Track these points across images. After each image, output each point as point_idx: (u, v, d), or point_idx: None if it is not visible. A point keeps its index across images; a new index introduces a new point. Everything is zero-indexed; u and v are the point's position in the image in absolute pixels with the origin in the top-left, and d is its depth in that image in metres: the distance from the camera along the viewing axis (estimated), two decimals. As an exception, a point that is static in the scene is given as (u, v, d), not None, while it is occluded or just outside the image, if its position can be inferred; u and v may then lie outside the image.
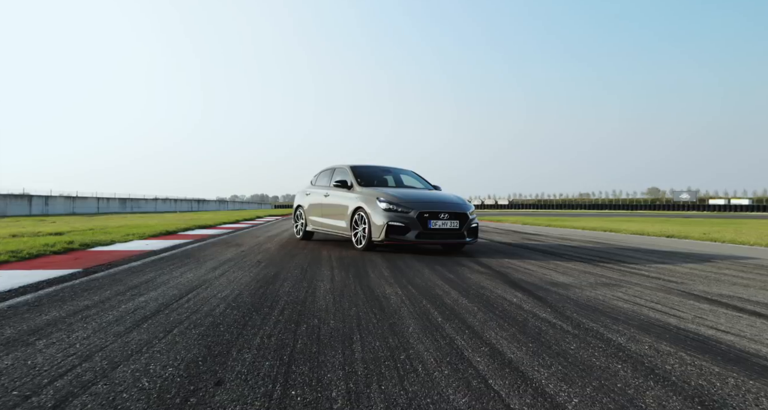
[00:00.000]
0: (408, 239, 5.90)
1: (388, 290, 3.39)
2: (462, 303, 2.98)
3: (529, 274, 4.40)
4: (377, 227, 6.02)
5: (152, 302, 2.80)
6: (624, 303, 3.12)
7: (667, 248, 7.63)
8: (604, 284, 3.92)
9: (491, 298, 3.17)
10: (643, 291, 3.58)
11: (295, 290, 3.28)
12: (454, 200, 6.51)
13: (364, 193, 6.53)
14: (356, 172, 7.21)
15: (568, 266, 5.11)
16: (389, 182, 7.61)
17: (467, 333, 2.28)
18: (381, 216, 6.03)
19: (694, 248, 7.74)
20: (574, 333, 2.35)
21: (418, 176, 7.94)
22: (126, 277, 3.73)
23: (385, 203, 6.09)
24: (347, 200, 6.81)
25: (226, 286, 3.38)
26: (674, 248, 7.66)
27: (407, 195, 6.35)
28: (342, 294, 3.17)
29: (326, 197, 7.45)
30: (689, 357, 2.03)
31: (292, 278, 3.79)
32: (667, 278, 4.28)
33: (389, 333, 2.24)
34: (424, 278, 3.97)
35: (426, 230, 5.95)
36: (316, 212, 7.72)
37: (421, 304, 2.93)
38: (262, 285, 3.44)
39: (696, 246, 8.28)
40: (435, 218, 6.00)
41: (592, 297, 3.30)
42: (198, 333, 2.16)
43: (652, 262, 5.64)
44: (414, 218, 5.93)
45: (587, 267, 5.01)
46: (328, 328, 2.30)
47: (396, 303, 2.93)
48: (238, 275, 3.93)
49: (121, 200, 36.04)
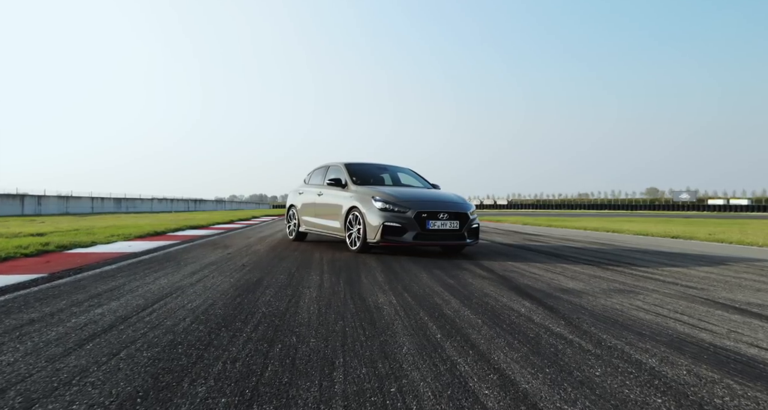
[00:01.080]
0: (405, 240, 5.55)
1: (381, 298, 3.04)
2: (464, 315, 2.63)
3: (536, 279, 4.06)
4: (372, 227, 5.67)
5: (109, 314, 2.45)
6: (645, 314, 2.78)
7: (676, 250, 7.30)
8: (619, 290, 3.58)
9: (497, 308, 2.83)
10: (663, 299, 3.24)
11: (276, 299, 2.93)
12: (454, 200, 6.16)
13: (359, 192, 6.18)
14: (351, 170, 6.86)
15: (576, 269, 4.77)
16: (386, 180, 7.26)
17: (471, 355, 1.93)
18: (376, 216, 5.68)
19: (703, 250, 7.41)
20: (596, 352, 2.01)
21: (416, 175, 7.59)
22: (92, 283, 3.37)
23: (381, 202, 5.74)
24: (341, 200, 6.46)
25: (200, 294, 3.03)
26: (682, 250, 7.33)
27: (404, 194, 6.00)
28: (329, 304, 2.82)
29: (320, 196, 7.10)
30: (738, 385, 1.68)
31: (276, 285, 3.43)
32: (684, 284, 3.94)
33: (379, 356, 1.89)
34: (421, 285, 3.62)
35: (424, 231, 5.60)
36: (309, 212, 7.36)
37: (418, 316, 2.58)
38: (241, 293, 3.09)
39: (704, 247, 7.95)
40: (434, 218, 5.65)
41: (608, 307, 2.96)
42: (149, 356, 1.80)
43: (664, 265, 5.30)
44: (411, 218, 5.58)
45: (596, 271, 4.67)
46: (306, 349, 1.95)
47: (389, 315, 2.58)
48: (217, 281, 3.57)
49: (116, 200, 35.56)
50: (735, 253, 6.98)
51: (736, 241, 9.52)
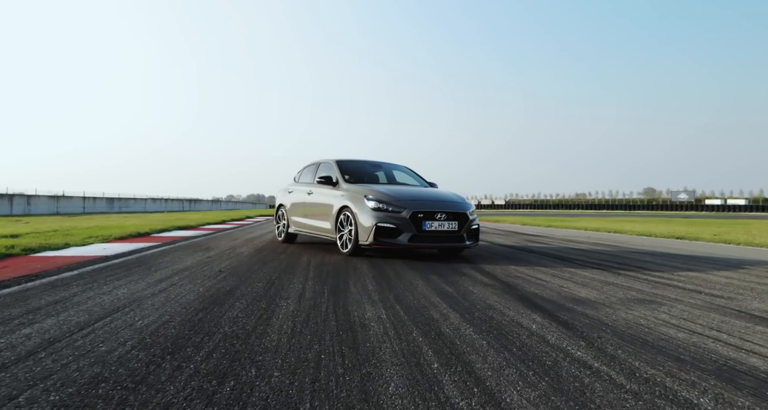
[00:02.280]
0: (400, 242, 5.14)
1: (369, 312, 2.62)
2: (466, 334, 2.22)
3: (543, 286, 3.65)
4: (365, 228, 5.26)
5: (36, 336, 2.03)
6: (677, 331, 2.38)
7: (685, 252, 6.91)
8: (638, 300, 3.17)
9: (503, 325, 2.42)
10: (691, 312, 2.84)
11: (245, 314, 2.50)
12: (453, 199, 5.75)
13: (351, 190, 5.77)
14: (342, 167, 6.44)
15: (585, 274, 4.37)
16: (380, 178, 6.84)
17: (478, 394, 1.52)
18: (369, 217, 5.26)
19: (713, 252, 7.03)
20: (633, 389, 1.60)
21: (412, 172, 7.17)
22: (38, 294, 2.94)
23: (374, 201, 5.32)
24: (332, 199, 6.04)
25: (158, 308, 2.61)
26: (692, 252, 6.95)
27: (399, 193, 5.59)
28: (306, 321, 2.40)
29: (309, 196, 6.67)
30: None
31: (249, 296, 3.01)
32: (708, 292, 3.54)
33: (358, 397, 1.47)
34: (416, 294, 3.21)
35: (420, 233, 5.19)
36: (298, 212, 6.94)
37: (411, 336, 2.17)
38: (206, 307, 2.66)
39: (713, 249, 7.58)
40: (431, 218, 5.24)
41: (631, 322, 2.55)
42: (55, 402, 1.38)
43: (679, 269, 4.91)
44: (407, 218, 5.17)
45: (608, 276, 4.27)
46: (265, 388, 1.53)
47: (376, 336, 2.17)
48: (183, 290, 3.15)
49: (109, 200, 34.94)
50: (747, 255, 6.60)
51: (744, 242, 9.16)
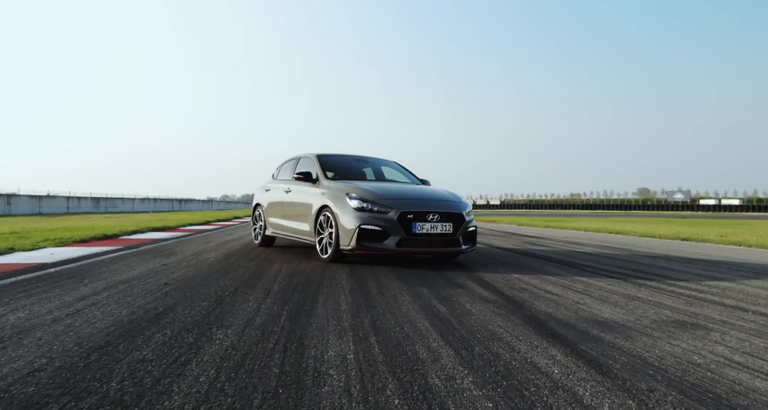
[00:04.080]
0: (386, 247, 4.48)
1: (332, 349, 1.96)
2: (463, 388, 1.56)
3: (556, 303, 3.01)
4: (346, 231, 4.58)
5: None
6: (751, 376, 1.73)
7: (701, 256, 6.30)
8: (678, 323, 2.53)
9: (514, 369, 1.76)
10: (751, 342, 2.20)
11: (157, 356, 1.82)
12: (447, 197, 5.09)
13: (332, 188, 5.09)
14: (324, 162, 5.75)
15: (601, 285, 3.73)
16: (367, 175, 6.17)
17: None
18: (351, 217, 4.59)
19: (730, 255, 6.43)
20: None
21: (402, 168, 6.49)
22: None
23: (357, 200, 4.65)
24: (311, 197, 5.35)
25: (43, 345, 1.92)
26: (707, 256, 6.34)
27: (386, 191, 4.92)
28: (239, 367, 1.72)
29: (287, 194, 5.98)
30: None
31: (181, 322, 2.33)
32: (756, 309, 2.91)
33: None
34: (400, 316, 2.55)
35: (410, 236, 4.52)
36: (276, 213, 6.24)
37: (384, 394, 1.50)
38: (111, 342, 1.98)
39: (727, 252, 6.99)
40: (421, 219, 4.57)
41: (684, 360, 1.90)
42: None
43: (704, 277, 4.29)
44: (394, 219, 4.50)
45: (628, 288, 3.63)
46: None
47: (332, 395, 1.50)
48: (99, 314, 2.46)
49: (95, 200, 33.90)
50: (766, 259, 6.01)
51: (756, 244, 8.58)
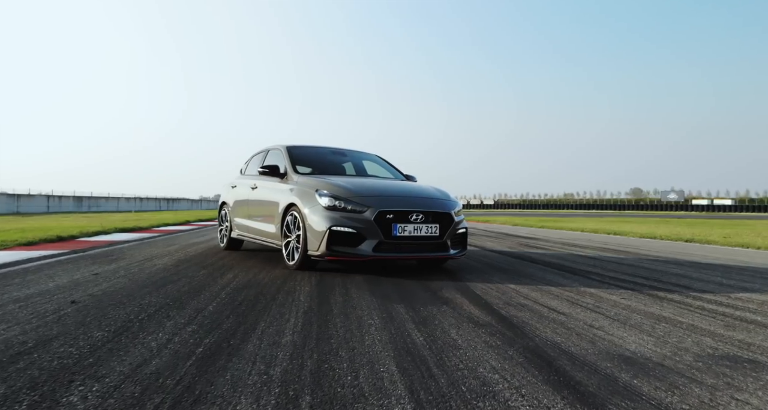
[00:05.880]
0: (361, 253, 3.81)
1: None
2: None
3: (564, 326, 2.36)
4: (315, 234, 3.91)
5: None
6: None
7: (713, 260, 5.72)
8: (728, 359, 1.90)
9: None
10: None
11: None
12: (433, 195, 4.42)
13: (300, 183, 4.41)
14: (294, 154, 5.05)
15: (615, 300, 3.10)
16: (347, 170, 5.49)
17: None
18: (321, 218, 3.92)
19: (745, 259, 5.85)
20: None
21: (385, 162, 5.80)
22: None
23: (328, 197, 3.98)
24: (277, 194, 4.67)
25: None
26: (719, 260, 5.76)
27: (363, 187, 4.25)
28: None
29: (253, 191, 5.30)
30: None
31: (36, 368, 1.64)
32: (819, 336, 2.28)
33: None
34: (358, 355, 1.88)
35: (389, 239, 3.85)
36: (241, 212, 5.55)
37: None
38: None
39: (739, 255, 6.42)
40: (403, 220, 3.91)
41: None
42: None
43: (728, 287, 3.69)
44: (371, 220, 3.83)
45: (648, 303, 3.00)
46: None
47: None
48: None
49: (77, 199, 32.82)
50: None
51: (765, 246, 8.03)
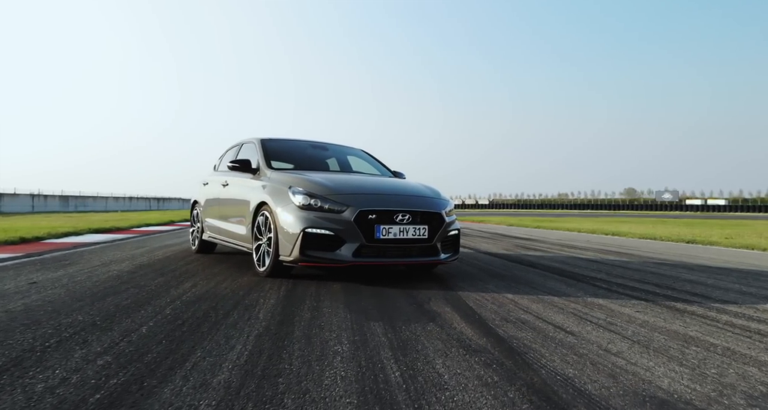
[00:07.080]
0: (340, 258, 3.35)
1: None
2: None
3: (575, 352, 1.92)
4: (288, 236, 3.44)
5: None
6: None
7: (723, 264, 5.33)
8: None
9: None
10: None
11: None
12: (421, 193, 3.96)
13: (273, 180, 3.94)
14: (269, 148, 4.57)
15: (629, 314, 2.66)
16: (330, 165, 5.02)
17: None
18: (294, 218, 3.45)
19: (755, 262, 5.48)
20: None
21: (370, 158, 5.33)
22: None
23: (302, 195, 3.51)
24: (249, 192, 4.20)
25: None
26: (730, 263, 5.37)
27: (342, 183, 3.78)
28: None
29: (224, 188, 4.82)
30: None
31: None
32: None
33: None
34: (313, 397, 1.42)
35: (372, 243, 3.38)
36: (213, 212, 5.06)
37: None
38: None
39: (749, 258, 6.08)
40: (387, 220, 3.44)
41: None
42: None
43: (752, 297, 3.29)
44: (351, 221, 3.37)
45: (666, 318, 2.57)
46: None
47: None
48: None
49: (63, 198, 32.04)
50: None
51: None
